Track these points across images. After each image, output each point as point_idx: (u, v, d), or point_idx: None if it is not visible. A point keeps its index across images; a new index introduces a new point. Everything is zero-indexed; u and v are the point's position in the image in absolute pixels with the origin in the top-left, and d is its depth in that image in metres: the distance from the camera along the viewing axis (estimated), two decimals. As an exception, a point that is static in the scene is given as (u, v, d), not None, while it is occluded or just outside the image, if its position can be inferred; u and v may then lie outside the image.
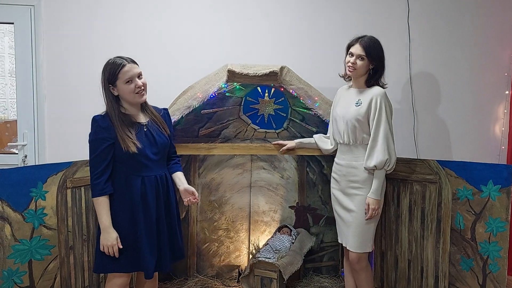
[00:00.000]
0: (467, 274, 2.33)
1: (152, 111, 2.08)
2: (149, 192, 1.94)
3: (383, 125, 2.18)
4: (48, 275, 2.11)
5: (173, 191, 2.09)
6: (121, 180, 1.93)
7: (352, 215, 2.26)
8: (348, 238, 2.29)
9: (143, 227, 1.92)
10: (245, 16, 3.18)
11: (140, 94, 1.95)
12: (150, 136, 1.98)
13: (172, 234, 2.05)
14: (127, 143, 1.87)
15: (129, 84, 1.92)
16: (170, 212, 2.05)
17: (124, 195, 1.92)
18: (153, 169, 1.99)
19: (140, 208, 1.92)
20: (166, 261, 1.99)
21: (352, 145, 2.28)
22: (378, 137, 2.18)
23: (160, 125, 2.05)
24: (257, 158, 3.11)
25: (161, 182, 2.01)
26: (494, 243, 2.23)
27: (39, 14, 2.95)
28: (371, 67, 2.24)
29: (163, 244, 1.99)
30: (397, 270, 2.56)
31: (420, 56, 3.37)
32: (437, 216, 2.40)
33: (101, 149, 1.87)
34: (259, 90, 2.95)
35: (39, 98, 3.00)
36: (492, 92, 3.44)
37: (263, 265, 2.68)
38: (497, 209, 2.22)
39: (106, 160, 1.88)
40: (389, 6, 3.32)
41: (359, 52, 2.20)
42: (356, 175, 2.25)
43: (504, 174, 2.20)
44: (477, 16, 3.38)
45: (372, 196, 2.19)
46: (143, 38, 3.08)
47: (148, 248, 1.92)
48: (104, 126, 1.89)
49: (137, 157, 1.91)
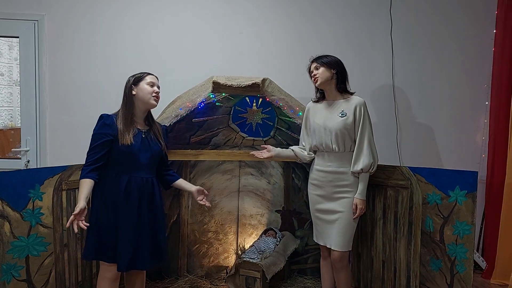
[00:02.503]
0: (436, 274, 2.46)
1: (154, 123, 2.31)
2: (134, 190, 2.13)
3: (367, 131, 2.37)
4: (44, 269, 2.28)
5: (159, 196, 2.25)
6: (112, 175, 2.13)
7: (339, 216, 2.39)
8: (332, 238, 2.41)
9: (122, 222, 2.09)
10: (232, 31, 3.37)
11: (155, 98, 2.21)
12: (146, 142, 2.19)
13: (154, 236, 2.19)
14: (125, 136, 2.09)
15: (150, 86, 2.20)
16: (153, 215, 2.20)
17: (112, 190, 2.11)
18: (141, 171, 2.17)
19: (123, 204, 2.10)
20: (144, 260, 2.13)
21: (340, 152, 2.42)
22: (363, 143, 2.36)
23: (158, 136, 2.26)
24: (245, 164, 3.27)
25: (146, 184, 2.18)
26: (461, 245, 2.37)
27: (42, 28, 3.17)
28: (333, 72, 2.41)
29: (143, 243, 2.13)
30: (373, 270, 2.69)
31: (403, 68, 3.53)
32: (409, 219, 2.54)
33: (100, 142, 2.09)
34: (247, 100, 3.13)
35: (41, 107, 3.20)
36: (472, 103, 3.58)
37: (247, 265, 2.83)
38: (463, 213, 2.36)
39: (101, 152, 2.08)
40: (372, 21, 3.49)
41: (314, 65, 2.45)
42: (345, 180, 2.40)
43: (470, 180, 2.34)
44: (457, 30, 3.54)
45: (359, 197, 2.36)
46: (139, 51, 3.27)
47: (125, 243, 2.08)
48: (108, 123, 2.12)
49: (127, 155, 2.11)
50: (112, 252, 2.08)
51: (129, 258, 2.08)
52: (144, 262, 2.13)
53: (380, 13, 3.49)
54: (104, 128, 2.11)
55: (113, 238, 2.09)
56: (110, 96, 3.09)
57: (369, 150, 2.35)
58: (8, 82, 3.44)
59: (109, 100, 2.86)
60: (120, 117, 2.15)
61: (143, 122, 2.26)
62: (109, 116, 2.16)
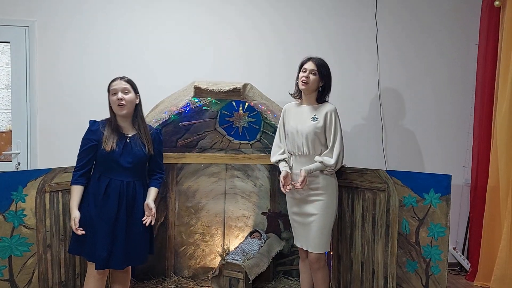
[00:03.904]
0: (412, 276, 2.51)
1: (142, 128, 2.33)
2: (113, 193, 2.21)
3: (339, 134, 2.44)
4: (27, 269, 2.34)
5: (141, 200, 2.30)
6: (95, 177, 2.25)
7: (314, 218, 2.44)
8: (309, 241, 2.46)
9: (100, 222, 2.18)
10: (216, 37, 3.42)
11: (120, 106, 2.23)
12: (129, 147, 2.25)
13: (131, 238, 2.25)
14: (107, 141, 2.19)
15: (113, 96, 2.25)
16: (132, 217, 2.26)
17: (94, 191, 2.22)
18: (123, 175, 2.24)
19: (102, 205, 2.19)
20: (118, 260, 2.19)
21: (311, 155, 2.48)
22: (335, 144, 2.42)
23: (144, 141, 2.29)
24: (231, 167, 3.33)
25: (127, 187, 2.24)
26: (436, 247, 2.41)
27: (33, 34, 3.23)
28: (321, 85, 2.46)
29: (118, 244, 2.20)
30: (352, 271, 2.74)
31: (389, 73, 3.58)
32: (386, 221, 2.59)
33: (85, 148, 2.24)
34: (233, 104, 3.19)
35: (32, 111, 3.27)
36: (457, 108, 3.63)
37: (231, 266, 2.88)
38: (437, 216, 2.40)
39: (87, 158, 2.24)
40: (358, 27, 3.54)
41: (312, 68, 2.44)
42: (317, 182, 2.46)
43: (444, 183, 2.39)
44: (442, 35, 3.59)
45: (306, 169, 2.39)
46: (126, 56, 3.34)
47: (102, 242, 2.16)
48: (93, 129, 2.26)
49: (109, 159, 2.20)
50: (91, 250, 2.17)
51: (105, 257, 2.15)
52: (118, 262, 2.20)
53: (366, 19, 3.53)
54: (89, 134, 2.26)
55: (92, 237, 2.17)
56: (98, 100, 3.15)
57: (338, 151, 2.41)
58: (4, 86, 3.52)
59: (98, 104, 2.91)
60: (107, 123, 2.28)
61: (131, 126, 2.32)
62: (95, 122, 2.28)
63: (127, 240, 2.23)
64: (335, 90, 3.31)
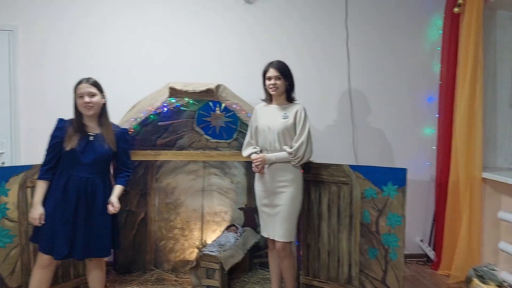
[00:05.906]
0: (373, 262, 2.70)
1: (106, 127, 2.44)
2: (71, 188, 2.32)
3: (306, 129, 2.63)
4: (10, 260, 2.49)
5: (102, 196, 2.38)
6: (58, 172, 2.37)
7: (280, 209, 2.62)
8: (275, 230, 2.65)
9: (59, 216, 2.29)
10: (192, 38, 3.59)
11: (87, 108, 2.36)
12: (91, 144, 2.37)
13: (92, 232, 2.34)
14: (67, 141, 2.32)
15: (79, 98, 2.37)
16: (92, 212, 2.35)
17: (55, 186, 2.34)
18: (83, 171, 2.34)
19: (61, 199, 2.31)
20: (78, 251, 2.31)
21: (281, 150, 2.66)
22: (301, 137, 2.61)
23: (107, 140, 2.41)
24: (209, 165, 3.48)
25: (86, 183, 2.34)
26: (393, 235, 2.61)
27: (16, 38, 3.36)
28: (287, 85, 2.66)
29: (79, 236, 2.31)
30: (320, 260, 2.92)
31: (359, 75, 3.77)
32: (350, 212, 2.78)
33: (51, 144, 2.37)
34: (210, 104, 3.35)
35: (16, 112, 3.40)
36: (424, 106, 3.83)
37: (207, 258, 3.03)
38: (395, 206, 2.60)
39: (52, 154, 2.36)
40: (329, 31, 3.73)
41: (275, 74, 2.63)
42: (284, 175, 2.64)
43: (400, 176, 2.59)
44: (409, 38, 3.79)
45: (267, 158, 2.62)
46: (105, 59, 3.49)
47: (60, 235, 2.27)
48: (58, 127, 2.38)
49: (70, 156, 2.32)
50: (46, 242, 2.29)
51: (64, 249, 2.28)
52: (78, 253, 2.32)
53: (337, 24, 3.72)
54: (55, 131, 2.38)
55: (50, 230, 2.29)
56: (80, 102, 3.30)
57: (304, 145, 2.59)
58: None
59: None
60: (69, 124, 2.39)
61: (96, 125, 2.43)
62: (61, 120, 2.40)
63: (87, 233, 2.32)
64: (309, 91, 3.56)
